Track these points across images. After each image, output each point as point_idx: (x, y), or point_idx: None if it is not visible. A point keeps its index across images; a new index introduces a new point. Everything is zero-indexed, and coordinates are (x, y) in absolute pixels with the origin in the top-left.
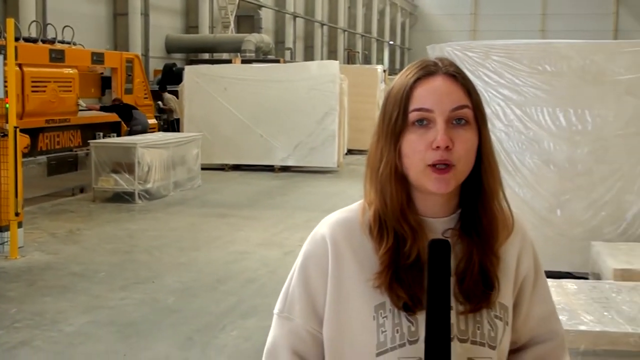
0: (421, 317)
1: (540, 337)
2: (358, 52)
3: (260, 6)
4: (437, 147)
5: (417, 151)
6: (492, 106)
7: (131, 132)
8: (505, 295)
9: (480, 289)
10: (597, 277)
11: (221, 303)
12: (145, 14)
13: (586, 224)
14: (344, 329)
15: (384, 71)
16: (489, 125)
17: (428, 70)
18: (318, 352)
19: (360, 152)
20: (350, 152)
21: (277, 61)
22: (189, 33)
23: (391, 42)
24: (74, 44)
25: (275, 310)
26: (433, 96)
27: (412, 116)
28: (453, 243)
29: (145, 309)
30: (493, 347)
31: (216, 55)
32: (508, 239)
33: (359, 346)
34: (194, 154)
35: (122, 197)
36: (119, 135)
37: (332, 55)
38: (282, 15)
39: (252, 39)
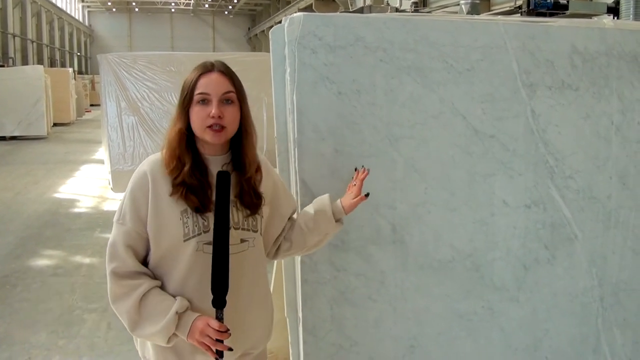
0: (210, 216)
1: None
2: (57, 60)
3: None
4: (212, 116)
5: (199, 118)
6: (141, 92)
7: None
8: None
9: (254, 201)
10: None
11: None
12: None
13: None
14: (162, 226)
15: (74, 72)
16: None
17: (207, 69)
18: (143, 244)
19: (61, 124)
20: (55, 125)
21: (2, 66)
22: None
23: (78, 53)
24: None
25: (114, 219)
26: (210, 85)
27: (197, 97)
28: (230, 172)
29: None
30: (255, 231)
31: None
32: (261, 171)
33: (172, 236)
34: None
35: None
36: None
37: (40, 61)
38: (6, 34)
39: None
